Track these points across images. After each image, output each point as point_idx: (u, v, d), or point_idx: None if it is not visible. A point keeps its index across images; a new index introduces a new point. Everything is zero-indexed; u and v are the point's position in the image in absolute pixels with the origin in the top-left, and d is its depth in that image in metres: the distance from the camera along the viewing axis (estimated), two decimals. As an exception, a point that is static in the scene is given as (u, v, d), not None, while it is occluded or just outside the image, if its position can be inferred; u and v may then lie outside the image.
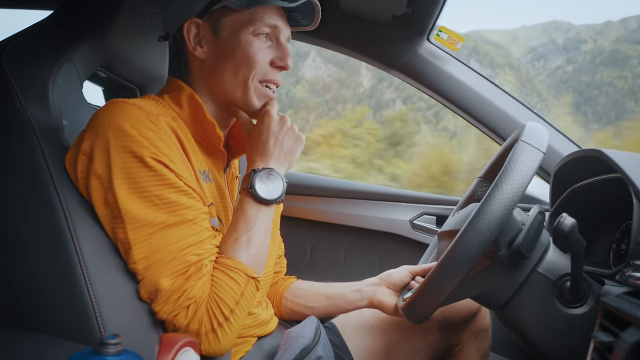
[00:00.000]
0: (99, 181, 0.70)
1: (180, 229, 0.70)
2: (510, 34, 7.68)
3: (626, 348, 0.50)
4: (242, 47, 0.80)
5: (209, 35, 0.82)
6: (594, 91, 9.12)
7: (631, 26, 6.91)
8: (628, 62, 8.10)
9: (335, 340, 1.00)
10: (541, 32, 7.74)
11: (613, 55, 8.15)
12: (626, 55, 7.43)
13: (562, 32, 7.52)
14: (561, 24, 8.21)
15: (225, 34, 0.81)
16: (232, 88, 0.82)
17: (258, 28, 0.80)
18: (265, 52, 0.82)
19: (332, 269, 1.67)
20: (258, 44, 0.81)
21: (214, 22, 0.81)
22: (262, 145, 0.82)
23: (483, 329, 1.08)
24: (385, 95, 17.21)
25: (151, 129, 0.71)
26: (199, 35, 0.82)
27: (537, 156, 0.66)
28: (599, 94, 8.53)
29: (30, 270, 0.71)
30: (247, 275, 0.75)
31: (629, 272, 0.68)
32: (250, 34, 0.80)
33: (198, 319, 0.70)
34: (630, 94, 9.96)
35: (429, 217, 1.57)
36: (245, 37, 0.80)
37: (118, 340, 0.47)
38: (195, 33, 0.82)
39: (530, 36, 7.66)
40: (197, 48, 0.82)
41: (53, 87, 0.78)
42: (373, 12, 1.29)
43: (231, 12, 0.80)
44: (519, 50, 7.16)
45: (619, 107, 11.91)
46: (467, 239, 0.63)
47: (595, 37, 7.24)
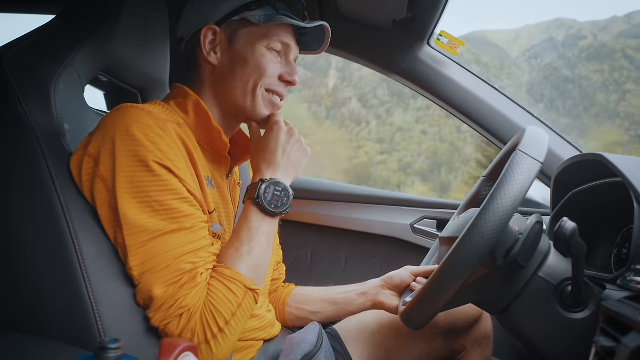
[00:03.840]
0: (104, 184, 0.70)
1: (177, 237, 0.70)
2: (513, 33, 7.79)
3: (628, 353, 0.50)
4: (255, 57, 0.84)
5: (224, 43, 0.85)
6: (569, 85, 9.17)
7: (635, 21, 6.98)
8: (611, 56, 8.13)
9: (337, 347, 1.00)
10: (544, 30, 7.82)
11: (599, 50, 8.18)
12: (611, 50, 7.44)
13: (565, 29, 7.59)
14: (565, 21, 8.30)
15: (241, 44, 0.85)
16: (242, 95, 0.85)
17: (272, 43, 0.85)
18: (275, 65, 0.86)
19: (333, 273, 1.66)
20: (270, 57, 0.85)
21: (231, 31, 0.85)
22: (271, 154, 0.83)
23: (486, 335, 1.08)
24: (343, 94, 17.73)
25: (158, 134, 0.72)
26: (215, 42, 0.85)
27: (534, 167, 0.65)
28: (573, 88, 8.58)
29: (31, 275, 0.71)
30: (246, 287, 0.74)
31: (630, 276, 0.68)
32: (264, 47, 0.85)
33: (191, 329, 0.69)
34: (602, 87, 9.99)
35: (429, 221, 1.57)
36: (259, 49, 0.84)
37: (118, 344, 0.47)
38: (211, 39, 0.85)
39: (532, 34, 7.75)
40: (212, 54, 0.85)
41: (55, 92, 0.78)
42: (373, 16, 1.29)
43: (249, 25, 0.84)
44: (519, 48, 7.24)
45: (588, 100, 11.95)
46: (462, 251, 0.63)
47: (598, 33, 7.28)
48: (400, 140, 11.55)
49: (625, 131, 17.51)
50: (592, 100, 17.51)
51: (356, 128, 16.77)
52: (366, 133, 13.43)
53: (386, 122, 13.32)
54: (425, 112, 12.39)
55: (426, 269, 1.00)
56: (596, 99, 18.14)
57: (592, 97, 17.05)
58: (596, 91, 17.50)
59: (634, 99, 17.14)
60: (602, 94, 18.27)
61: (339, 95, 12.27)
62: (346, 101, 12.68)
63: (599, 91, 18.24)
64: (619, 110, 17.90)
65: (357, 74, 12.89)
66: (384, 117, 13.44)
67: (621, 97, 18.24)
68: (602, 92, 18.50)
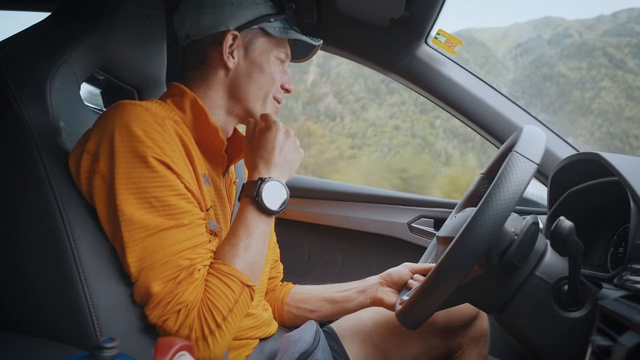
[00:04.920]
0: (102, 180, 0.70)
1: (175, 233, 0.70)
2: (501, 31, 7.76)
3: (624, 352, 0.50)
4: (270, 67, 0.90)
5: (241, 49, 0.89)
6: (547, 83, 9.20)
7: (621, 19, 6.96)
8: (591, 54, 8.15)
9: (333, 345, 1.00)
10: (532, 28, 7.82)
11: (579, 48, 8.17)
12: (592, 47, 7.45)
13: (552, 27, 7.59)
14: (553, 19, 8.29)
15: (257, 53, 0.89)
16: (254, 99, 0.89)
17: (280, 54, 0.92)
18: (280, 75, 0.93)
19: (330, 272, 1.66)
20: (277, 67, 0.92)
21: (249, 38, 0.89)
22: (268, 152, 0.84)
23: (483, 334, 1.08)
24: (320, 90, 17.72)
25: (157, 131, 0.72)
26: (233, 46, 0.88)
27: (529, 169, 0.65)
28: (551, 86, 8.60)
29: (26, 273, 0.71)
30: (242, 283, 0.74)
31: (626, 275, 0.68)
32: (275, 57, 0.91)
33: (189, 325, 0.69)
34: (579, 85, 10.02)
35: (426, 220, 1.57)
36: (272, 59, 0.90)
37: (114, 344, 0.46)
38: (230, 44, 0.87)
39: (520, 33, 7.75)
40: (230, 58, 0.88)
41: (50, 89, 0.77)
42: (371, 15, 1.29)
43: (266, 35, 0.89)
44: (507, 47, 7.25)
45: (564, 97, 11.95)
46: (456, 253, 0.64)
47: (584, 32, 7.28)
48: (371, 135, 11.83)
49: (598, 127, 17.61)
50: (568, 97, 17.59)
51: (330, 123, 16.99)
52: (339, 128, 13.70)
53: (360, 117, 13.62)
54: (400, 107, 12.59)
55: (424, 266, 1.01)
56: (572, 96, 18.19)
57: (568, 94, 17.11)
58: (572, 88, 17.53)
59: (608, 96, 17.20)
60: (577, 91, 18.31)
61: (316, 90, 12.58)
62: (323, 97, 12.87)
63: (575, 88, 18.27)
64: (593, 107, 17.99)
65: (335, 70, 13.07)
66: (359, 113, 13.74)
67: (596, 94, 18.34)
68: (578, 89, 18.53)
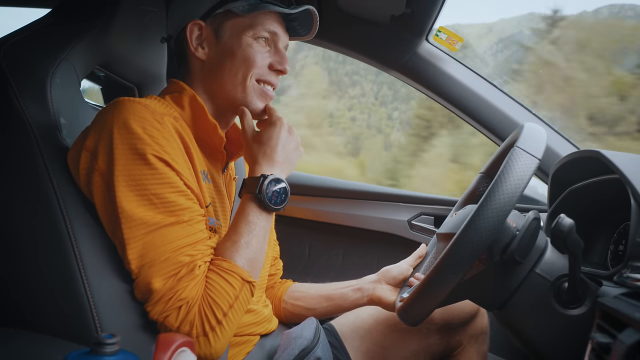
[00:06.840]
0: (101, 177, 0.70)
1: (175, 230, 0.70)
2: (486, 27, 7.72)
3: (624, 349, 0.50)
4: (242, 49, 0.83)
5: (211, 38, 0.85)
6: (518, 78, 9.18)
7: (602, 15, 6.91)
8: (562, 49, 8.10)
9: (333, 342, 1.00)
10: (516, 24, 7.73)
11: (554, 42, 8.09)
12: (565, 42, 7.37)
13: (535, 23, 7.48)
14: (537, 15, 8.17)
15: (227, 37, 0.84)
16: (232, 87, 0.84)
17: (258, 32, 0.84)
18: (263, 55, 0.85)
19: (330, 269, 1.66)
20: (257, 47, 0.84)
21: (216, 25, 0.84)
22: (272, 149, 0.83)
23: (482, 331, 1.08)
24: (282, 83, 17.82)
25: (156, 127, 0.72)
26: (201, 37, 0.85)
27: (531, 164, 0.65)
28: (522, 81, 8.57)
29: (27, 269, 0.71)
30: (243, 279, 0.74)
31: (626, 273, 0.68)
32: (250, 37, 0.84)
33: (189, 321, 0.69)
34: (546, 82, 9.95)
35: (427, 218, 1.57)
36: (245, 39, 0.83)
37: (115, 340, 0.47)
38: (197, 35, 0.85)
39: (505, 28, 7.68)
40: (199, 49, 0.85)
41: (51, 86, 0.77)
42: (372, 12, 1.29)
43: (233, 16, 0.84)
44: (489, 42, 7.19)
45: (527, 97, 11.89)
46: (459, 248, 0.64)
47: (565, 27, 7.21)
48: (327, 125, 11.71)
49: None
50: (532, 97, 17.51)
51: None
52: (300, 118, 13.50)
53: (320, 108, 13.48)
54: (359, 99, 12.42)
55: (419, 251, 1.03)
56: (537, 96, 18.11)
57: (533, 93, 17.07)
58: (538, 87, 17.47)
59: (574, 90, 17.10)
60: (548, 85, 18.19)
61: (280, 83, 12.35)
62: (286, 89, 12.78)
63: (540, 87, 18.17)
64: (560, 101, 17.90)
65: (299, 62, 12.93)
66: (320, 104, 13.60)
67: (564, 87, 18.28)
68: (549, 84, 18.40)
